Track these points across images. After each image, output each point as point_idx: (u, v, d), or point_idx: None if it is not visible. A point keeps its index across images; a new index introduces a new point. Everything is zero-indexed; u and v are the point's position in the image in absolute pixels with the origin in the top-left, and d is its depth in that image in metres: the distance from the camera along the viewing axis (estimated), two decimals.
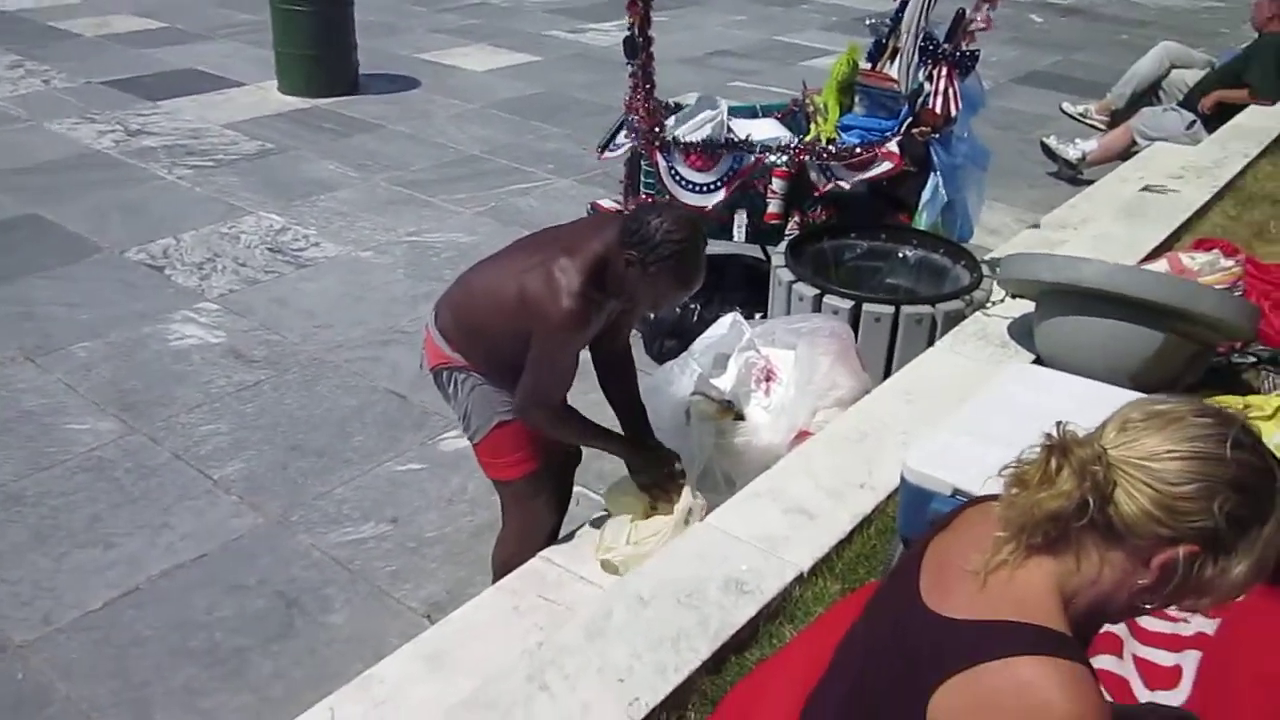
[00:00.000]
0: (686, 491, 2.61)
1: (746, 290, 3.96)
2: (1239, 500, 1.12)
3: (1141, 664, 1.92)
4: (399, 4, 10.21)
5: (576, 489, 2.95)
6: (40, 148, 6.11)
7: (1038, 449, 1.21)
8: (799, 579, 2.15)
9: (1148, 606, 1.21)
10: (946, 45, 3.67)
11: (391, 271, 4.82)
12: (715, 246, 4.38)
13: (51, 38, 8.46)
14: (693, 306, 4.06)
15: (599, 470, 3.33)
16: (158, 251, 4.91)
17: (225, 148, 6.27)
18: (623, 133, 3.96)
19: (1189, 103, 5.97)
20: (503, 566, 2.66)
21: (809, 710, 1.46)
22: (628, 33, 3.76)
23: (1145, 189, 4.63)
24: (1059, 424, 1.20)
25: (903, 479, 2.01)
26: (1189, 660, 1.91)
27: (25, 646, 2.72)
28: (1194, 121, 5.80)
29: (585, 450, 2.93)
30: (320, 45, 7.15)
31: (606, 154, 4.05)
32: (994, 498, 1.31)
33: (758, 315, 3.72)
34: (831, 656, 1.44)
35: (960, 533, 1.31)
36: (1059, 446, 1.18)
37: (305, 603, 2.91)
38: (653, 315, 3.85)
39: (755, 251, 4.27)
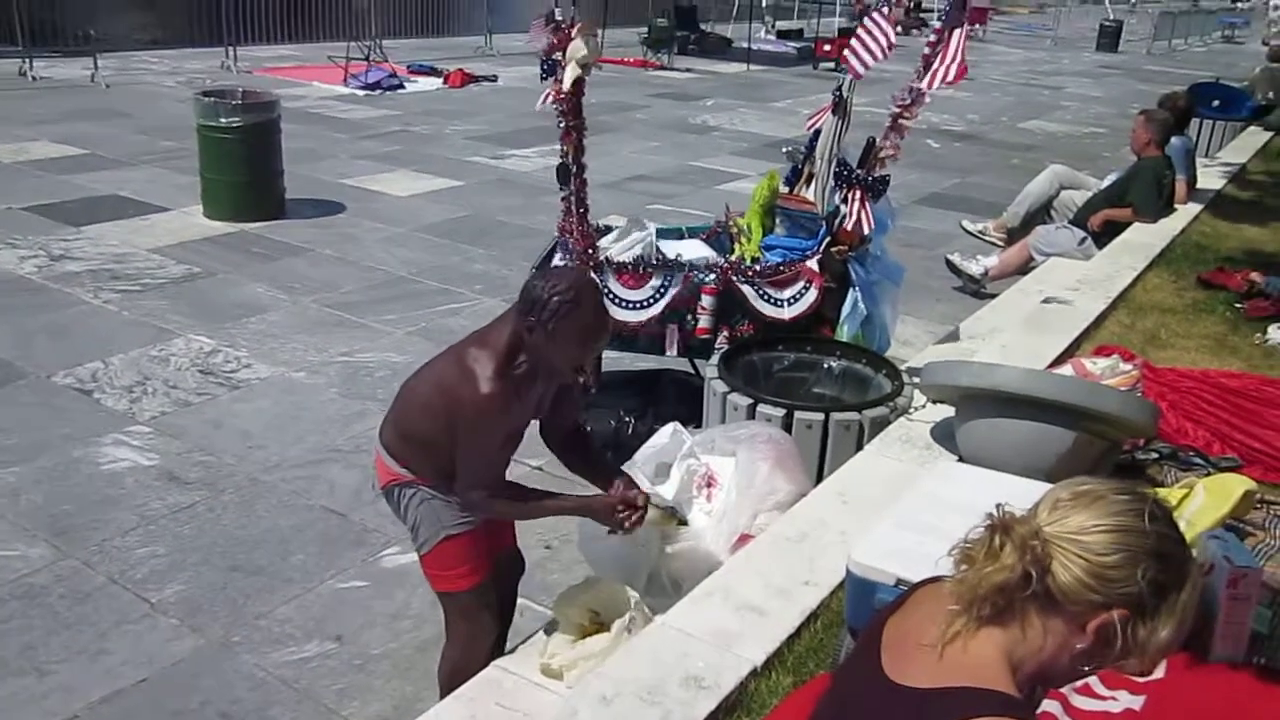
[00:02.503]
0: (630, 600, 2.68)
1: (677, 404, 4.11)
2: (1159, 567, 1.27)
3: None
4: (321, 131, 10.42)
5: (521, 600, 3.01)
6: None
7: (981, 529, 1.35)
8: (753, 673, 2.24)
9: (1086, 669, 1.34)
10: (859, 171, 3.94)
11: (325, 391, 4.87)
12: (647, 362, 4.60)
13: None
14: (628, 420, 4.20)
15: (543, 582, 3.39)
16: (86, 375, 4.88)
17: (152, 272, 6.28)
18: (558, 255, 4.13)
19: (1079, 221, 6.41)
20: (450, 680, 2.67)
21: None
22: (561, 160, 3.97)
23: (1046, 301, 4.94)
24: (999, 505, 1.35)
25: (849, 573, 2.13)
26: None
27: None
28: (1085, 238, 6.22)
29: (528, 560, 3.00)
30: (248, 171, 7.27)
31: None
32: (940, 579, 1.44)
33: (690, 427, 3.86)
34: None
35: (913, 611, 1.43)
36: (1001, 525, 1.32)
37: None
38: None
39: (685, 366, 4.45)
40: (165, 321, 5.55)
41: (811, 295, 3.92)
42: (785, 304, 3.96)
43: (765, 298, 3.98)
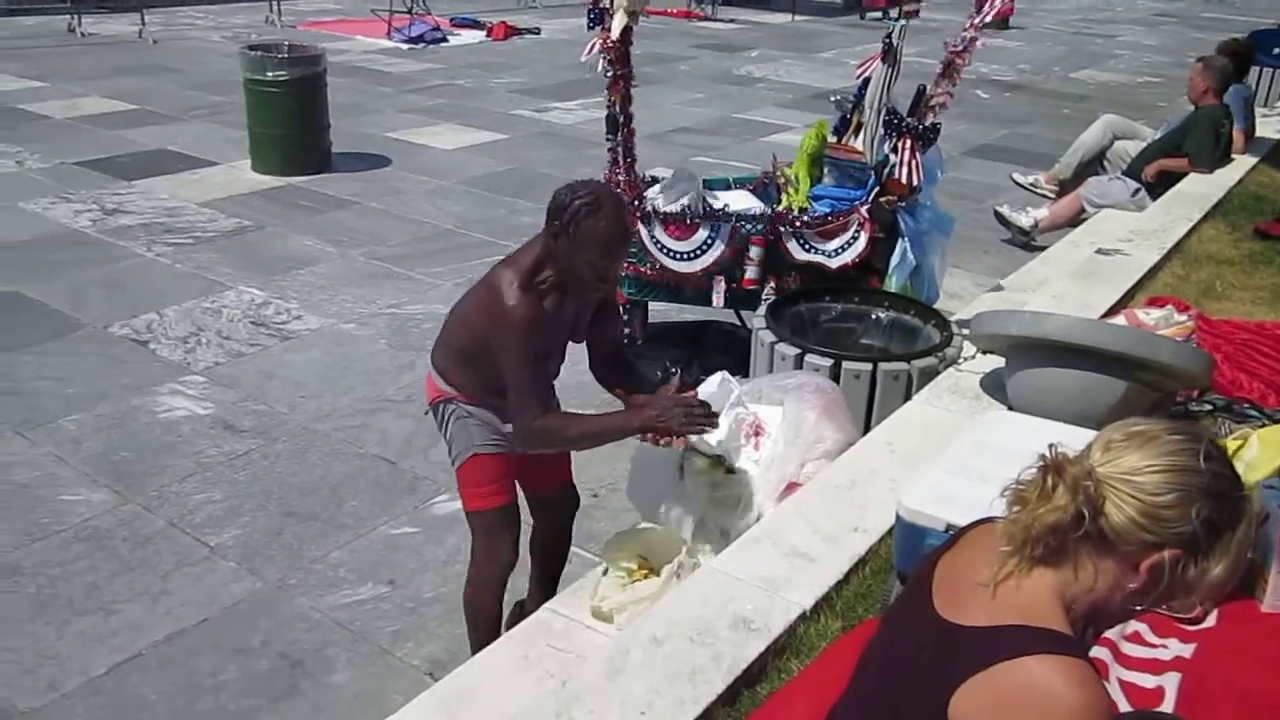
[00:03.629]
0: (680, 546, 2.71)
1: (723, 355, 4.12)
2: (1213, 506, 1.27)
3: (1126, 686, 2.04)
4: (366, 85, 10.45)
5: (571, 548, 3.05)
6: (16, 227, 6.17)
7: (1034, 470, 1.35)
8: (802, 617, 2.27)
9: (1138, 608, 1.34)
10: (909, 119, 3.89)
11: (374, 343, 4.93)
12: (692, 313, 4.61)
13: (22, 120, 8.54)
14: (674, 370, 4.21)
15: (590, 530, 3.43)
16: (141, 326, 4.97)
17: (203, 225, 6.37)
18: None
19: (1132, 172, 6.28)
20: (468, 605, 2.77)
21: None
22: (609, 110, 3.96)
23: (1099, 252, 4.87)
24: (1051, 446, 1.35)
25: (898, 518, 2.14)
26: (1170, 682, 2.04)
27: (31, 713, 2.74)
28: (1139, 189, 6.10)
29: (582, 505, 3.03)
30: (294, 125, 7.33)
31: None
32: (992, 520, 1.45)
33: (736, 377, 3.87)
34: (851, 673, 1.55)
35: (966, 550, 1.44)
36: (1053, 466, 1.32)
37: (309, 664, 2.96)
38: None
39: (730, 318, 4.45)
40: (217, 274, 5.63)
41: (861, 244, 3.89)
42: (833, 254, 3.94)
43: (812, 249, 3.96)
